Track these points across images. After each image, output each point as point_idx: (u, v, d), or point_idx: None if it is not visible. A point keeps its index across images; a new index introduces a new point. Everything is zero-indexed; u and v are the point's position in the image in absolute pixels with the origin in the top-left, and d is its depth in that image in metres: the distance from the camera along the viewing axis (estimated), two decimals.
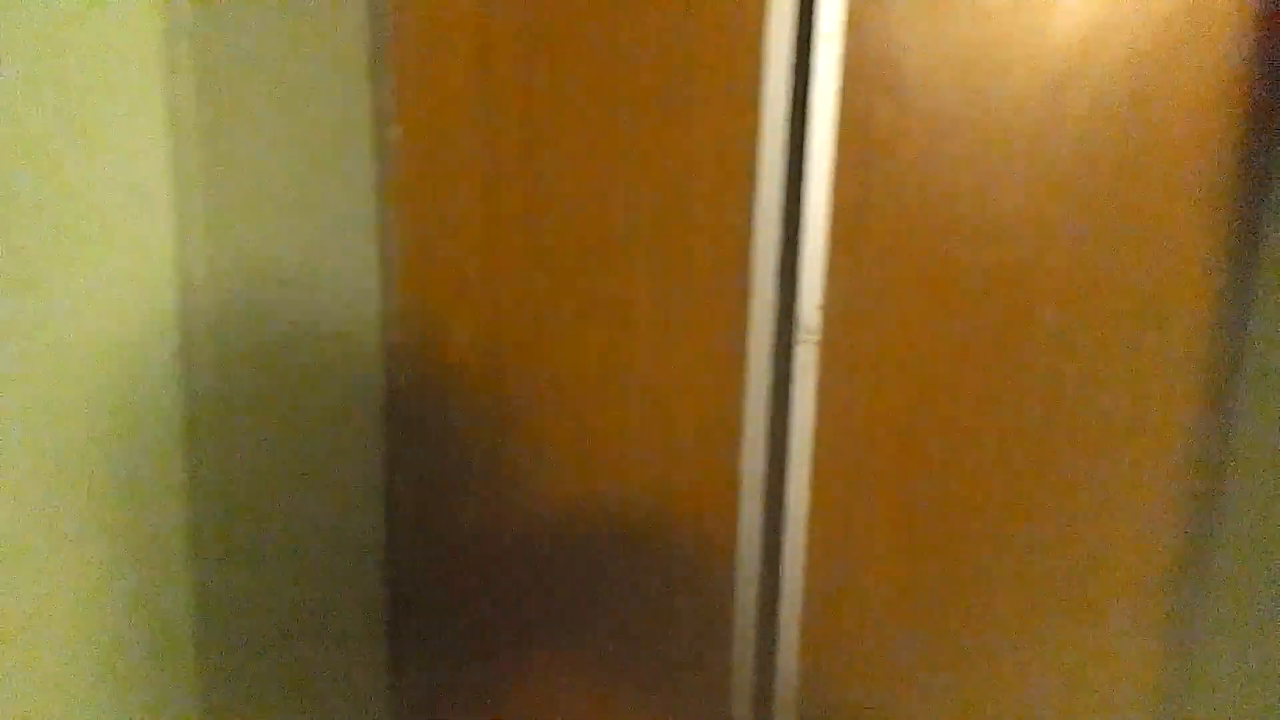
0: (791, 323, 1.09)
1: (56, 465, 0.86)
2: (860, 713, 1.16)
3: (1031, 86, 1.04)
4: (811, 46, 1.02)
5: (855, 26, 1.02)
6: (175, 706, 1.01)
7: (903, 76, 1.04)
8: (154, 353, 0.95)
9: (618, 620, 1.15)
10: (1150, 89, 1.05)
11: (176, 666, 1.02)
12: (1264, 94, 1.05)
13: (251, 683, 1.08)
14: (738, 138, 1.04)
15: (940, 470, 1.11)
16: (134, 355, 0.94)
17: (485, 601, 1.17)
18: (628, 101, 1.04)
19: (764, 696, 1.15)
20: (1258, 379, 1.06)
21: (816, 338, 1.09)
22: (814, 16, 1.01)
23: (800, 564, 1.12)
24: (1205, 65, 1.05)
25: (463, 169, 1.06)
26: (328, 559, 1.14)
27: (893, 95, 1.04)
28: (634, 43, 1.03)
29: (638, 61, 1.03)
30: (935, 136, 1.05)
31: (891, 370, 1.09)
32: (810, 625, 1.14)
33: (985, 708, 1.17)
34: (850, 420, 1.10)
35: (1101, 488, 1.11)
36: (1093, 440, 1.10)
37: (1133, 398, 1.09)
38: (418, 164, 1.06)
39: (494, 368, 1.11)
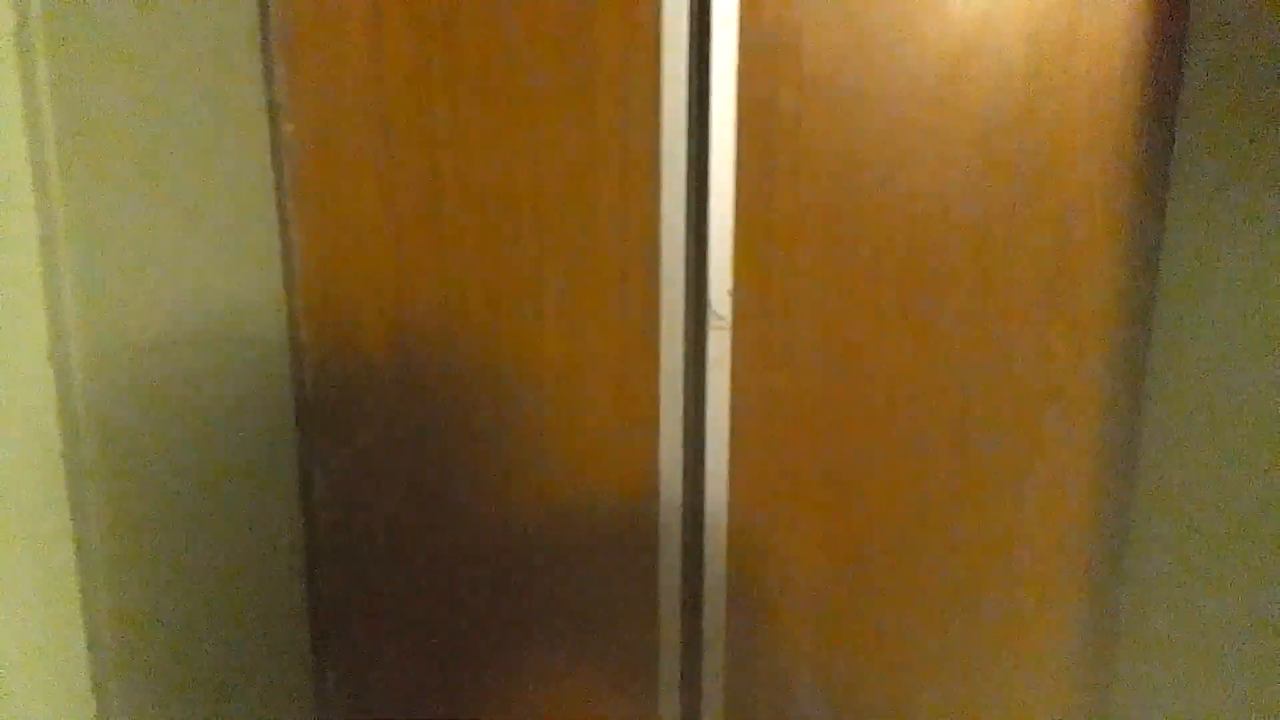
0: (702, 309, 1.08)
1: None
2: (786, 694, 1.16)
3: (932, 64, 1.04)
4: (708, 31, 1.02)
5: (752, 8, 1.02)
6: None
7: (802, 58, 1.03)
8: (36, 361, 0.93)
9: (541, 612, 1.14)
10: (1049, 65, 1.05)
11: (72, 684, 1.01)
12: (1164, 69, 1.06)
13: (161, 697, 1.07)
14: (639, 125, 1.04)
15: (858, 452, 1.11)
16: (23, 364, 0.92)
17: (409, 600, 1.16)
18: (525, 89, 1.03)
19: (690, 683, 1.15)
20: (1167, 346, 1.07)
21: (728, 323, 1.08)
22: (709, 1, 1.01)
23: (722, 552, 1.12)
24: (1105, 41, 1.05)
25: (362, 163, 1.05)
26: (245, 569, 1.12)
27: (793, 77, 1.04)
28: (530, 30, 1.02)
29: (534, 49, 1.02)
30: (838, 117, 1.05)
31: (805, 353, 1.09)
32: (734, 612, 1.14)
33: (911, 684, 1.17)
34: (766, 405, 1.10)
35: (1018, 460, 1.12)
36: (1007, 415, 1.11)
37: (1044, 372, 1.10)
38: (315, 160, 1.04)
39: (405, 363, 1.10)
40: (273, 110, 1.03)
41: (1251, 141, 0.97)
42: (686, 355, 1.09)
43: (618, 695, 1.16)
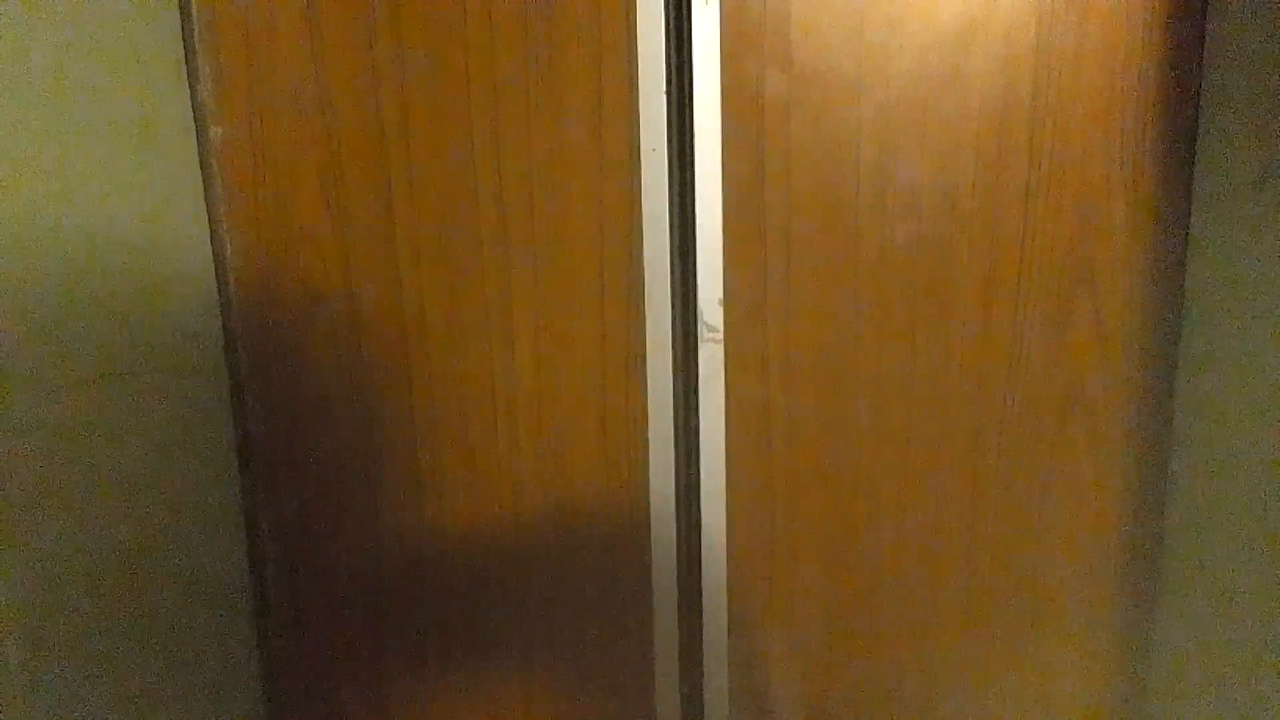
0: (691, 320, 0.98)
1: None
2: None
3: (932, 44, 0.94)
4: (687, 14, 0.91)
5: None
6: None
7: (790, 41, 0.93)
8: None
9: (528, 643, 1.04)
10: (1061, 38, 0.96)
11: None
12: (1182, 39, 0.98)
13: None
14: (614, 120, 0.93)
15: (863, 465, 1.02)
16: None
17: (367, 623, 1.04)
18: (486, 81, 0.92)
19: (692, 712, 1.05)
20: (1197, 345, 0.99)
21: (720, 335, 0.98)
22: None
23: (722, 586, 1.02)
24: (1116, 8, 0.96)
25: (302, 168, 0.93)
26: (180, 573, 1.00)
27: (781, 62, 0.93)
28: (489, 17, 0.91)
29: (496, 38, 0.91)
30: (831, 105, 0.95)
31: (805, 362, 0.99)
32: (735, 634, 1.04)
33: (921, 703, 1.08)
34: (764, 419, 1.00)
35: (1036, 471, 1.03)
36: (1024, 423, 1.02)
37: (1065, 377, 1.01)
38: (249, 167, 0.92)
39: (360, 388, 0.98)
40: (198, 114, 0.90)
41: None
42: (675, 371, 0.99)
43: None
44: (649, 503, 1.00)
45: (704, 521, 1.01)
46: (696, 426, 1.00)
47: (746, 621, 1.03)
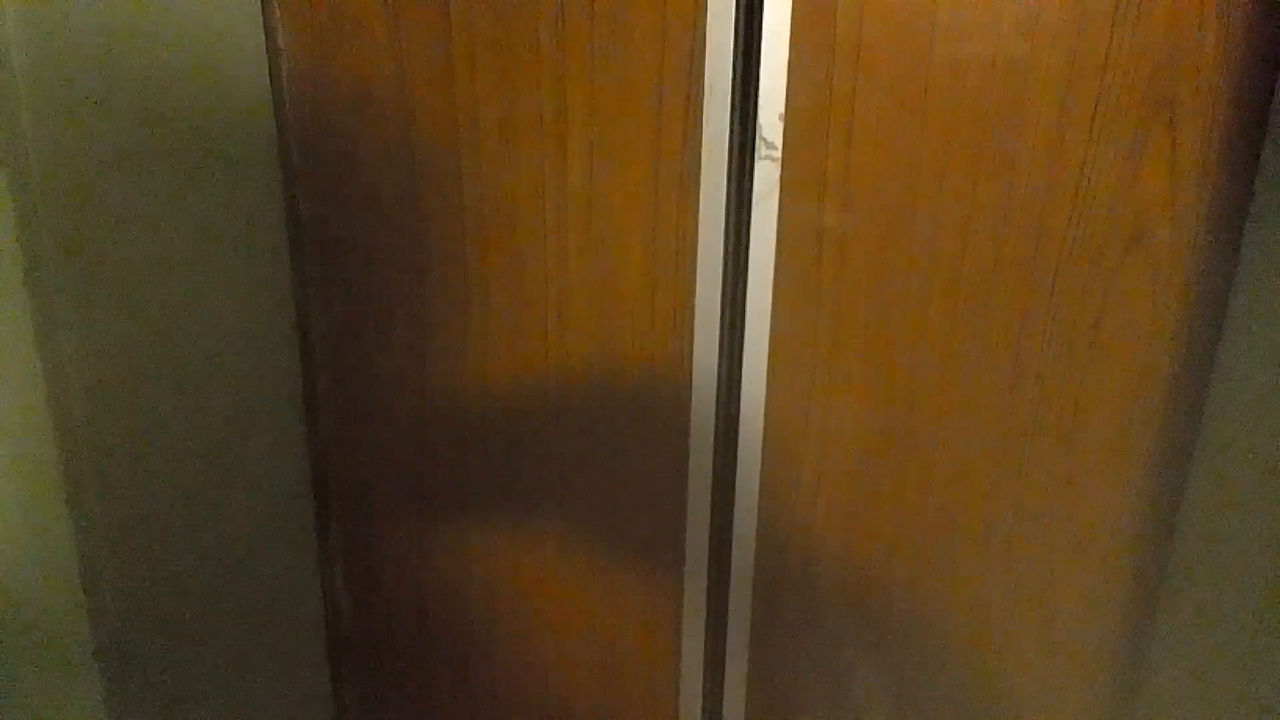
0: (751, 136, 0.96)
1: None
2: (817, 555, 1.10)
3: None
4: None
5: None
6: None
7: None
8: None
9: (566, 470, 1.07)
10: None
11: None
12: None
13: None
14: None
15: (911, 292, 1.01)
16: None
17: (421, 462, 1.08)
18: None
19: (720, 545, 1.09)
20: (1271, 186, 0.95)
21: (779, 152, 0.96)
22: None
23: (760, 401, 1.04)
24: None
25: None
26: (247, 426, 1.04)
27: None
28: None
29: None
30: None
31: (864, 186, 0.97)
32: (770, 462, 1.06)
33: (945, 564, 1.11)
34: (816, 242, 0.99)
35: (1091, 305, 1.01)
36: (1087, 255, 0.99)
37: (1131, 210, 0.98)
38: None
39: (411, 184, 0.98)
40: None
41: None
42: (729, 188, 0.97)
43: (647, 557, 1.10)
44: (693, 317, 1.00)
45: (746, 341, 1.01)
46: (747, 245, 0.98)
47: (782, 445, 1.05)
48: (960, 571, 1.11)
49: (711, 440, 1.05)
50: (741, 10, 0.91)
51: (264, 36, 0.94)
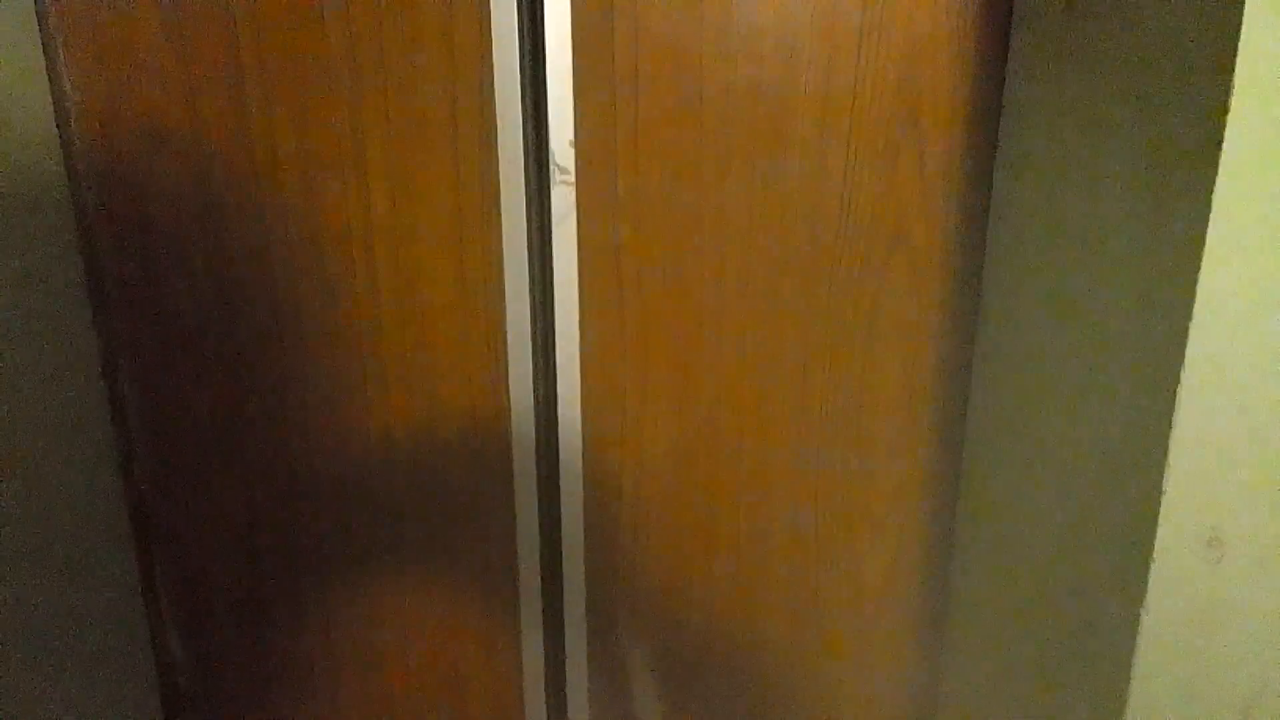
0: (545, 162, 1.01)
1: None
2: (642, 558, 1.15)
3: None
4: None
5: None
6: None
7: None
8: None
9: (396, 504, 1.08)
10: None
11: None
12: None
13: None
14: None
15: (708, 303, 1.08)
16: None
17: (248, 508, 1.07)
18: None
19: (551, 556, 1.12)
20: (1006, 176, 1.07)
21: (572, 177, 1.02)
22: None
23: (576, 417, 1.08)
24: None
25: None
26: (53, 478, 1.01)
27: None
28: None
29: None
30: None
31: (654, 205, 1.04)
32: (590, 472, 1.11)
33: (761, 555, 1.18)
34: (615, 258, 1.05)
35: (870, 304, 1.11)
36: (856, 259, 1.09)
37: (891, 214, 1.09)
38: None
39: (213, 225, 0.98)
40: None
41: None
42: (529, 212, 1.02)
43: (478, 603, 1.12)
44: (506, 340, 1.04)
45: (559, 360, 1.06)
46: (551, 266, 1.04)
47: (600, 454, 1.10)
48: (775, 560, 1.18)
49: (534, 458, 1.09)
50: (526, 45, 0.97)
51: (48, 82, 0.94)
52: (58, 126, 0.96)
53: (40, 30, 0.93)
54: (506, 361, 1.05)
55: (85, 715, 1.07)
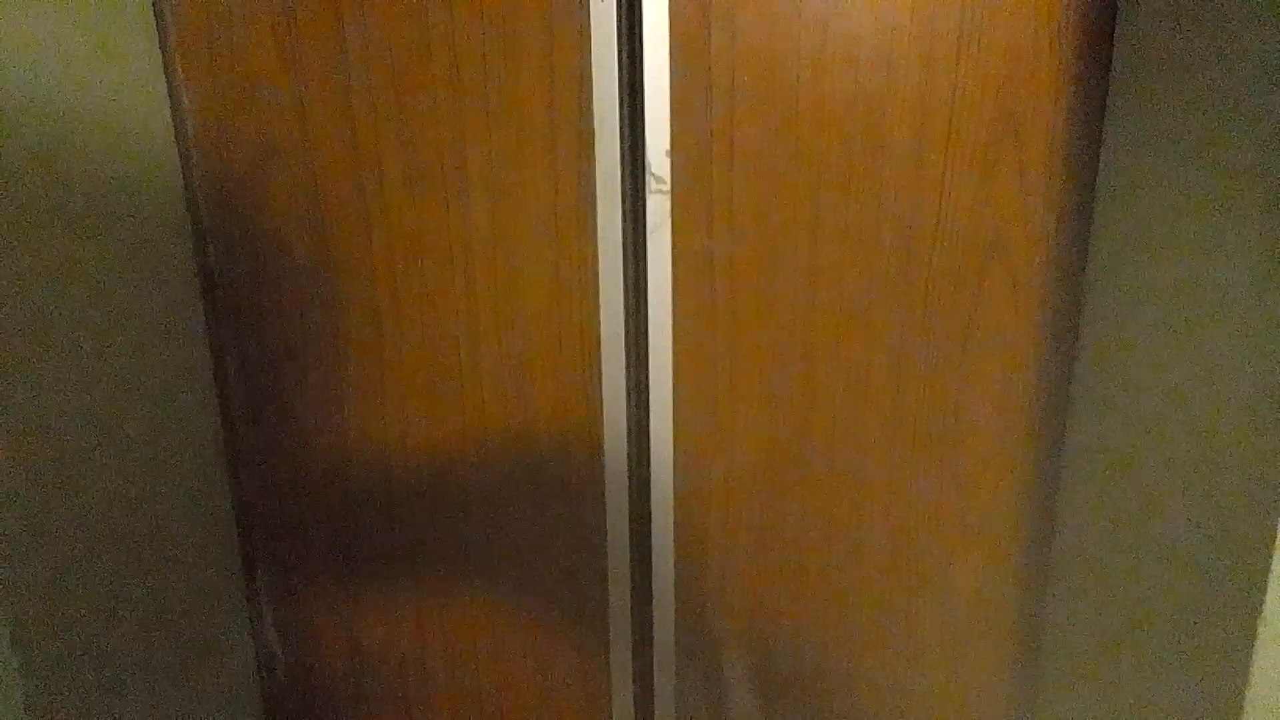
0: (641, 172, 1.02)
1: None
2: (732, 561, 1.15)
3: None
4: None
5: None
6: None
7: None
8: None
9: (489, 505, 1.11)
10: None
11: None
12: None
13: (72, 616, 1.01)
14: None
15: (799, 308, 1.08)
16: None
17: (344, 507, 1.11)
18: None
19: (640, 560, 1.13)
20: (1110, 189, 1.05)
21: (668, 187, 1.02)
22: None
23: (669, 419, 1.09)
24: None
25: (256, 20, 0.95)
26: (161, 481, 1.05)
27: None
28: None
29: None
30: None
31: (748, 215, 1.04)
32: (681, 473, 1.11)
33: (851, 565, 1.17)
34: (708, 267, 1.05)
35: (961, 311, 1.09)
36: (953, 267, 1.08)
37: (989, 223, 1.07)
38: (202, 20, 0.94)
39: (320, 235, 1.02)
40: None
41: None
42: (624, 222, 1.03)
43: (568, 606, 1.14)
44: (599, 343, 1.05)
45: (651, 369, 1.07)
46: (645, 273, 1.05)
47: (692, 456, 1.10)
48: (867, 577, 1.17)
49: (625, 465, 1.10)
50: (624, 58, 0.98)
51: (168, 97, 0.98)
52: (176, 139, 1.00)
53: (161, 47, 0.97)
54: (600, 369, 1.07)
55: (192, 705, 1.11)
